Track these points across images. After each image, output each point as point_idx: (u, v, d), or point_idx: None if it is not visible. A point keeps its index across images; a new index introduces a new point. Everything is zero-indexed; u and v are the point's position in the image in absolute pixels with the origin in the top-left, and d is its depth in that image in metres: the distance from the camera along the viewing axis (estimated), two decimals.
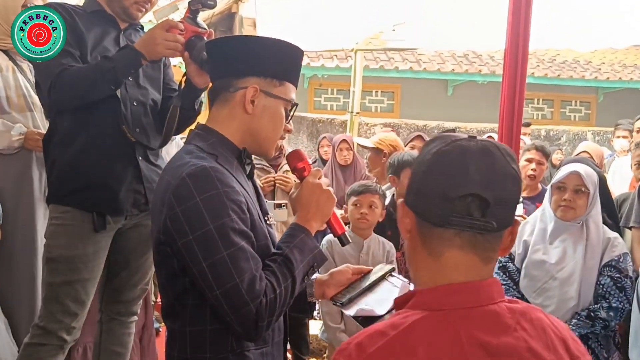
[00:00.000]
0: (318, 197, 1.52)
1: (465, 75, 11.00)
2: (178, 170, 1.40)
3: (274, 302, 1.37)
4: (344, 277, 1.65)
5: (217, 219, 1.34)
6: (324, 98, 11.54)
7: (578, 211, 2.61)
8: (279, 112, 1.52)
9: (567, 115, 12.41)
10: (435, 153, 1.01)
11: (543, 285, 2.61)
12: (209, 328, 1.41)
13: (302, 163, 1.59)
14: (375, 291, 1.57)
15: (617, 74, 11.56)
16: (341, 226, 1.62)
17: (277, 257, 1.44)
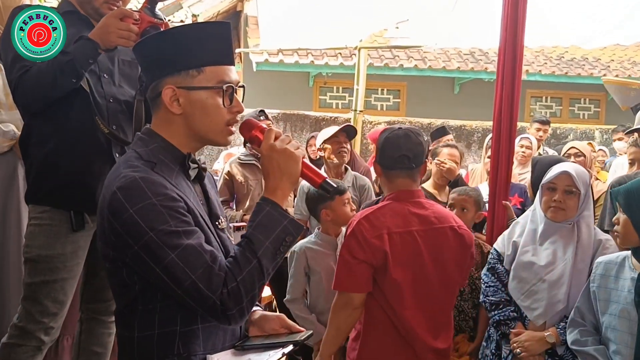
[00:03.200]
0: (277, 160, 1.44)
1: (471, 73, 10.90)
2: (111, 183, 1.39)
3: (238, 290, 1.35)
4: (269, 326, 1.59)
5: (154, 227, 1.33)
6: (329, 96, 11.48)
7: (569, 212, 2.55)
8: (210, 101, 1.44)
9: (576, 114, 12.27)
10: (386, 137, 2.40)
11: (531, 288, 2.56)
12: (157, 332, 1.41)
13: (254, 131, 1.51)
14: (261, 353, 1.48)
15: (626, 71, 11.41)
16: (319, 174, 1.51)
17: (242, 240, 1.42)
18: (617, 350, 2.23)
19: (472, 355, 2.99)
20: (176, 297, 1.36)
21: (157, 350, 1.41)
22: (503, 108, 3.25)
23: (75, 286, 2.33)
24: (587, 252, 2.53)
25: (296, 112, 9.43)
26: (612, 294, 2.27)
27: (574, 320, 2.38)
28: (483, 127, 9.17)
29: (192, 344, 1.42)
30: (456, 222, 2.43)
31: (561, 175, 2.57)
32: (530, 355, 2.50)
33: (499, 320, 2.61)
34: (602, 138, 9.54)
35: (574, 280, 2.49)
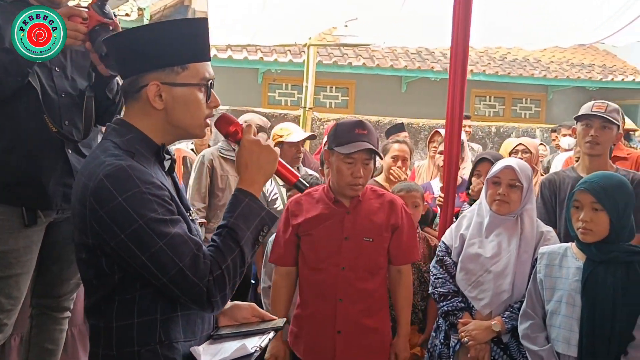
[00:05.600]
0: (258, 155, 1.50)
1: (418, 72, 11.10)
2: (94, 171, 1.38)
3: (222, 277, 1.40)
4: (240, 315, 1.66)
5: (144, 215, 1.35)
6: (278, 93, 11.49)
7: (512, 205, 2.65)
8: (193, 97, 1.47)
9: (518, 113, 12.67)
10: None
11: (478, 279, 2.66)
12: (137, 321, 1.42)
13: (233, 126, 1.55)
14: (241, 340, 1.52)
15: (565, 72, 11.85)
16: (293, 174, 1.60)
17: (222, 229, 1.45)
18: (562, 334, 2.35)
19: (422, 346, 3.08)
20: (160, 285, 1.38)
21: (137, 339, 1.42)
22: (454, 106, 3.33)
23: (29, 282, 2.29)
24: (530, 243, 2.64)
25: (245, 108, 9.38)
26: (557, 282, 2.39)
27: (525, 312, 2.48)
28: (430, 124, 9.36)
29: (173, 331, 1.44)
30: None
31: (505, 170, 2.67)
32: (477, 343, 2.60)
33: (448, 310, 2.70)
34: (542, 136, 9.88)
35: (518, 270, 2.60)
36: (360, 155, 2.49)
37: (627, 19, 5.29)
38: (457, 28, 3.31)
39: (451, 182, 3.32)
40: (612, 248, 2.30)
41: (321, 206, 2.61)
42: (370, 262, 2.58)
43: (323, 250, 2.56)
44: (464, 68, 3.34)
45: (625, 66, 12.34)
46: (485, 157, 3.44)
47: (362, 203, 2.60)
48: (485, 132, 10.23)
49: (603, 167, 2.92)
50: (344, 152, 2.48)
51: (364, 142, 2.47)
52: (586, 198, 2.31)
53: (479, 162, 3.45)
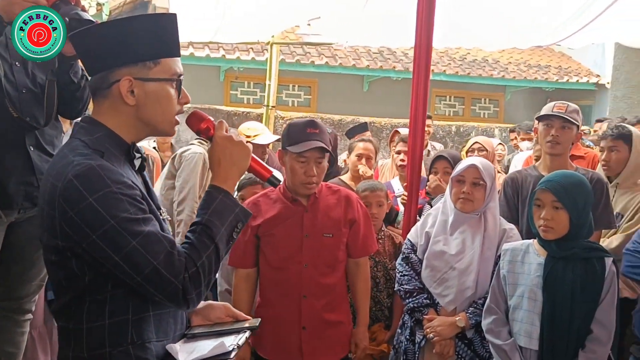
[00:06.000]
0: (231, 151, 1.50)
1: (380, 71, 11.19)
2: (63, 171, 1.36)
3: (197, 274, 1.39)
4: (214, 314, 1.65)
5: (115, 215, 1.33)
6: (241, 91, 11.42)
7: (476, 203, 2.71)
8: (165, 92, 1.46)
9: (477, 112, 12.89)
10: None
11: (443, 276, 2.70)
12: (108, 322, 1.40)
13: (205, 123, 1.55)
14: (216, 339, 1.52)
15: (522, 73, 12.11)
16: (267, 169, 1.61)
17: (196, 226, 1.44)
18: (524, 328, 2.41)
19: (388, 342, 3.11)
20: (135, 284, 1.36)
21: (109, 340, 1.40)
22: (417, 105, 3.37)
23: None
24: (493, 241, 2.70)
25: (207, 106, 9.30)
26: (520, 277, 2.45)
27: (489, 307, 2.53)
28: (392, 123, 9.44)
29: (145, 331, 1.43)
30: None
31: (469, 169, 2.72)
32: (442, 339, 2.64)
33: (413, 307, 2.73)
34: (501, 136, 10.08)
35: (482, 267, 2.66)
36: (312, 154, 2.52)
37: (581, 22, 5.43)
38: (421, 28, 3.35)
39: (414, 181, 3.36)
40: (571, 245, 2.37)
41: (279, 206, 2.63)
42: (331, 257, 2.62)
43: (285, 249, 2.58)
44: (427, 67, 3.38)
45: (580, 68, 12.68)
46: (442, 154, 3.51)
47: (319, 200, 2.63)
48: (445, 131, 10.38)
49: (563, 166, 3.00)
50: (296, 152, 2.50)
51: (315, 141, 2.50)
52: (547, 197, 2.37)
53: (435, 159, 3.53)
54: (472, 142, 4.49)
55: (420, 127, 3.36)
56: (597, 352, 2.32)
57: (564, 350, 2.34)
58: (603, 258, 2.38)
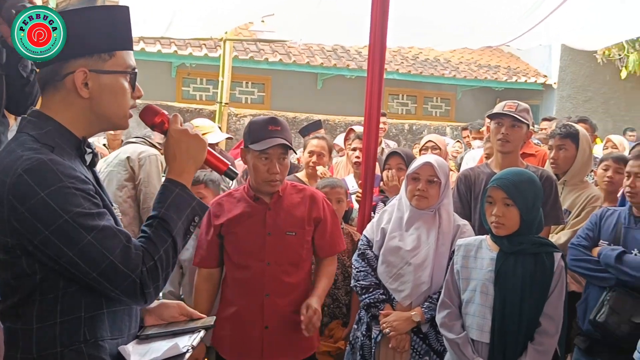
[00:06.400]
0: (187, 145, 1.49)
1: (333, 69, 11.22)
2: (12, 167, 1.31)
3: (155, 268, 1.37)
4: (168, 314, 1.63)
5: (69, 210, 1.29)
6: (193, 88, 11.26)
7: (431, 200, 2.75)
8: (120, 85, 1.44)
9: (430, 111, 13.09)
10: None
11: (399, 271, 2.73)
12: (60, 321, 1.36)
13: (159, 117, 1.53)
14: (170, 340, 1.50)
15: (473, 73, 12.35)
16: (223, 162, 1.59)
17: (153, 220, 1.42)
18: (476, 322, 2.46)
19: (346, 339, 3.12)
20: (90, 280, 1.33)
21: (60, 340, 1.36)
22: (372, 103, 3.39)
23: None
24: (448, 236, 2.74)
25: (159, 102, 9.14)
26: (473, 272, 2.50)
27: (443, 302, 2.57)
28: (346, 121, 9.51)
29: (98, 329, 1.39)
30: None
31: (424, 166, 2.76)
32: (398, 334, 2.67)
33: (369, 303, 2.76)
34: (452, 134, 10.28)
35: (437, 262, 2.70)
36: (275, 151, 2.51)
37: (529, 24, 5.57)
38: (375, 27, 3.37)
39: (369, 178, 3.38)
40: (522, 240, 2.43)
41: (243, 205, 2.61)
42: (294, 255, 2.61)
43: (247, 247, 2.56)
44: (381, 66, 3.41)
45: (528, 68, 13.01)
46: (396, 151, 3.56)
47: (282, 199, 2.62)
48: (398, 129, 10.51)
49: (514, 163, 3.07)
50: (259, 149, 2.49)
51: (277, 138, 2.49)
52: (498, 194, 2.43)
53: (389, 156, 3.57)
54: (425, 140, 4.56)
55: (374, 125, 3.39)
56: (545, 343, 2.39)
57: (514, 343, 2.40)
58: (552, 253, 2.45)
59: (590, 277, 2.89)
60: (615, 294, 2.72)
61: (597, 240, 2.93)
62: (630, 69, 9.87)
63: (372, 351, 2.76)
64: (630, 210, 2.87)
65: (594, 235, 2.94)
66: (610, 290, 2.76)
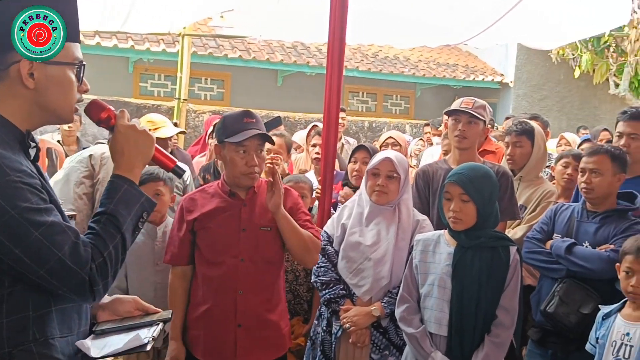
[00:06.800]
0: (135, 140, 1.47)
1: (294, 66, 11.19)
2: None
3: (104, 265, 1.35)
4: (123, 309, 1.60)
5: (16, 205, 1.25)
6: (151, 84, 11.07)
7: (390, 195, 2.76)
8: (66, 77, 1.41)
9: (389, 109, 13.18)
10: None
11: (359, 266, 2.74)
12: (6, 321, 1.31)
13: (105, 112, 1.51)
14: (129, 333, 1.48)
15: (432, 71, 12.50)
16: (171, 159, 1.59)
17: (101, 216, 1.39)
18: (434, 316, 2.49)
19: (306, 336, 3.11)
20: (37, 278, 1.29)
21: (8, 340, 1.31)
22: (331, 100, 3.40)
23: None
24: (407, 231, 2.77)
25: (115, 98, 8.97)
26: (431, 267, 2.53)
27: (402, 296, 2.59)
28: (306, 118, 9.50)
29: (48, 328, 1.36)
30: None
31: (384, 161, 2.77)
32: (358, 329, 2.68)
33: (330, 298, 2.76)
34: (412, 131, 10.38)
35: (396, 257, 2.72)
36: (252, 143, 2.49)
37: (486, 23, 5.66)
38: (334, 23, 3.38)
39: (328, 174, 3.39)
40: (479, 234, 2.47)
41: (217, 200, 2.59)
42: (269, 251, 2.58)
43: (221, 243, 2.52)
44: (341, 62, 3.42)
45: (485, 67, 13.24)
46: (363, 145, 3.60)
47: (257, 195, 2.60)
48: (358, 126, 10.56)
49: (471, 159, 3.11)
50: (236, 141, 2.47)
51: (254, 130, 2.48)
52: (455, 190, 2.46)
53: (356, 149, 3.60)
54: (385, 137, 4.59)
55: (334, 122, 3.39)
56: (501, 335, 2.43)
57: (471, 336, 2.44)
58: (508, 247, 2.50)
59: (543, 269, 2.96)
60: (565, 285, 2.79)
61: (552, 234, 3.00)
62: (583, 69, 10.11)
63: (333, 346, 2.76)
64: (584, 204, 2.94)
65: (548, 229, 3.00)
66: (560, 281, 2.82)
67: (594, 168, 2.87)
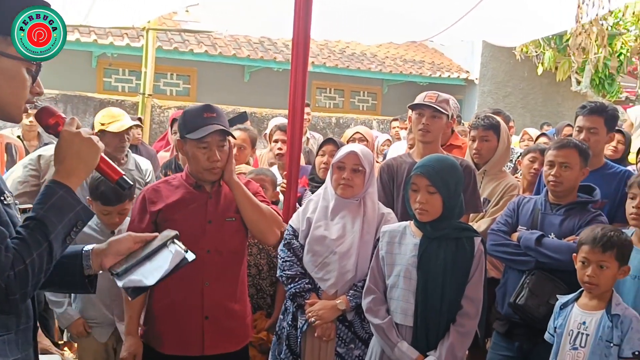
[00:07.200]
0: (79, 148, 1.42)
1: (260, 62, 11.13)
2: None
3: (25, 273, 1.27)
4: (124, 247, 1.58)
5: None
6: (115, 79, 10.88)
7: (356, 189, 2.77)
8: (19, 73, 1.37)
9: (357, 105, 13.22)
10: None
11: (324, 260, 2.74)
12: None
13: (54, 118, 1.48)
14: (153, 260, 1.53)
15: (398, 67, 12.57)
16: (116, 171, 1.55)
17: (30, 221, 1.32)
18: (400, 306, 2.51)
19: (270, 330, 3.10)
20: None
21: None
22: (296, 95, 3.38)
23: None
24: (372, 224, 2.77)
25: (78, 93, 8.81)
26: (397, 258, 2.55)
27: (369, 287, 2.60)
28: (273, 114, 9.45)
29: None
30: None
31: (349, 155, 2.77)
32: (323, 322, 2.68)
33: (295, 292, 2.75)
34: (379, 127, 10.43)
35: (362, 251, 2.72)
36: (213, 138, 2.48)
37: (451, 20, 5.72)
38: (299, 19, 3.36)
39: (293, 169, 3.38)
40: (444, 225, 2.49)
41: (181, 191, 2.57)
42: (235, 242, 2.58)
43: (187, 235, 2.47)
44: (305, 57, 3.41)
45: (451, 64, 13.37)
46: (332, 138, 3.61)
47: (223, 187, 2.60)
48: (326, 122, 10.57)
49: (435, 153, 3.14)
50: (196, 137, 2.45)
51: (214, 125, 2.46)
52: (422, 181, 2.47)
53: (324, 143, 3.62)
54: (352, 132, 4.60)
55: (299, 117, 3.38)
56: (467, 325, 2.46)
57: (437, 326, 2.46)
58: (472, 238, 2.53)
59: (510, 261, 2.97)
60: (534, 277, 2.81)
61: (516, 226, 3.03)
62: (546, 66, 10.31)
63: (298, 341, 2.75)
64: (546, 197, 2.98)
65: (512, 222, 3.04)
66: (529, 273, 2.85)
67: (564, 162, 2.90)
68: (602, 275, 2.42)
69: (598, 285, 2.43)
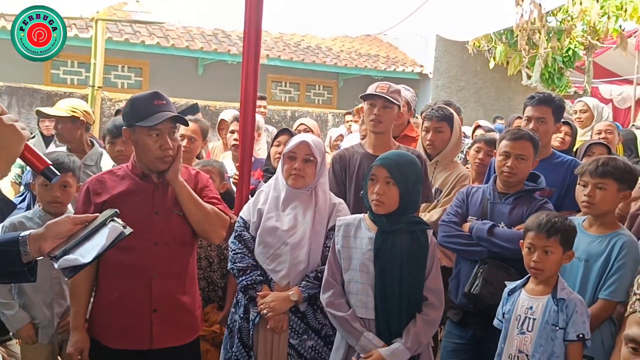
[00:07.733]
0: (0, 135, 1.32)
1: (214, 54, 10.99)
2: None
3: None
4: (63, 229, 1.53)
5: None
6: (63, 71, 10.58)
7: (307, 179, 2.74)
8: None
9: (312, 99, 13.20)
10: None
11: (276, 251, 2.71)
12: None
13: None
14: (91, 239, 1.50)
15: (354, 61, 12.61)
16: (42, 160, 1.46)
17: None
18: (360, 300, 2.51)
19: (221, 323, 3.06)
20: None
21: None
22: (248, 88, 3.35)
23: None
24: (324, 215, 2.76)
25: (24, 85, 8.53)
26: (353, 252, 2.55)
27: (327, 282, 2.58)
28: (227, 107, 9.35)
29: None
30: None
31: (300, 145, 2.75)
32: (276, 314, 2.65)
33: (247, 284, 2.71)
34: (334, 121, 10.44)
35: (313, 241, 2.71)
36: (165, 126, 2.44)
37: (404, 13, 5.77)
38: (250, 10, 3.33)
39: (246, 161, 3.34)
40: (399, 219, 2.50)
41: (127, 182, 2.51)
42: (182, 234, 2.54)
43: (133, 226, 2.42)
44: (257, 49, 3.38)
45: (405, 58, 13.48)
46: (286, 128, 3.59)
47: None
48: (281, 116, 10.51)
49: (387, 144, 3.15)
50: (148, 125, 2.39)
51: (166, 112, 2.42)
52: (381, 172, 2.48)
53: (279, 133, 3.62)
54: (298, 124, 4.61)
55: (250, 108, 3.35)
56: (431, 315, 2.49)
57: (397, 317, 2.47)
58: (425, 230, 2.54)
59: (463, 252, 2.99)
60: (488, 266, 2.84)
61: (466, 217, 3.06)
62: (497, 60, 10.47)
63: (251, 333, 2.72)
64: (494, 186, 3.02)
65: (462, 212, 3.07)
66: (482, 263, 2.88)
67: (520, 154, 2.92)
68: (547, 260, 2.47)
69: (543, 270, 2.47)
